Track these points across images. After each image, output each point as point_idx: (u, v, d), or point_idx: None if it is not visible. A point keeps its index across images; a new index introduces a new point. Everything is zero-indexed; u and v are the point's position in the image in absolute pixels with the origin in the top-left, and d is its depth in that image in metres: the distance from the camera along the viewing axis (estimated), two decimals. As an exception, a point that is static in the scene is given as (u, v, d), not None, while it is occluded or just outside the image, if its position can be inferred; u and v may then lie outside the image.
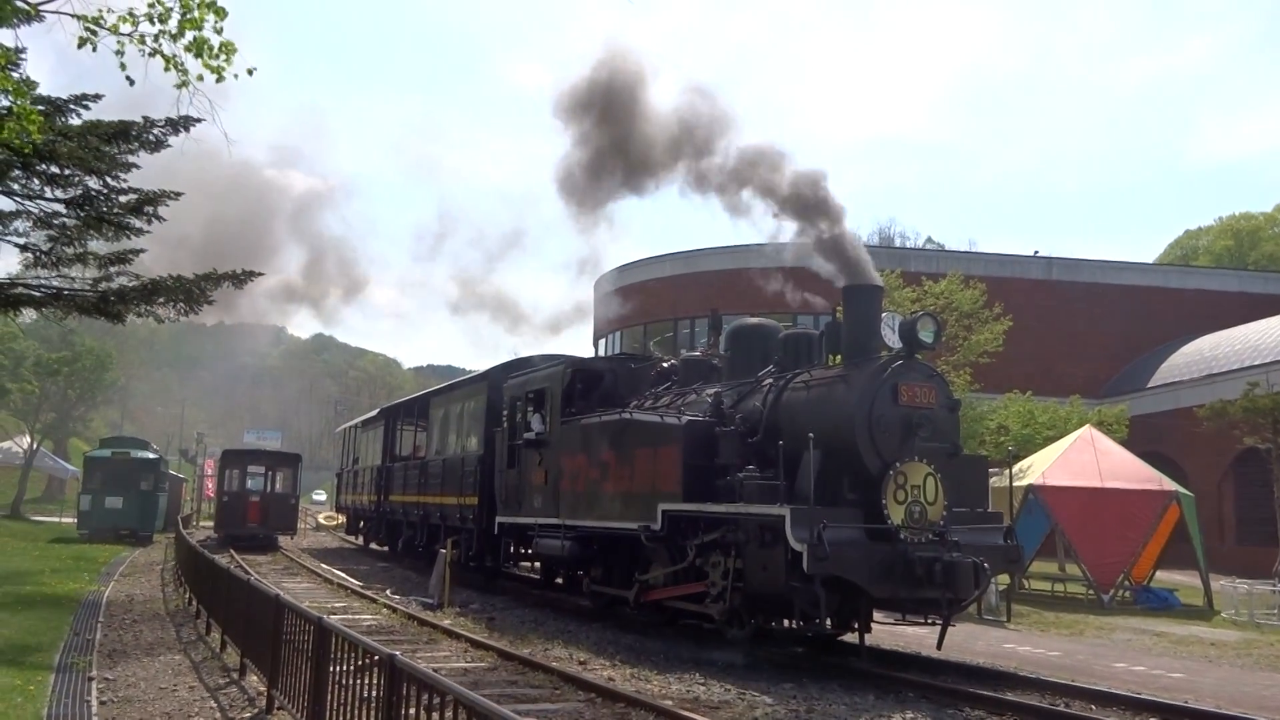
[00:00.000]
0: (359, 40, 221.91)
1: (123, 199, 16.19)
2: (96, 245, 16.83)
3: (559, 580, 17.42)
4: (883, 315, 11.81)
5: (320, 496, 77.99)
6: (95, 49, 7.82)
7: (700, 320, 35.99)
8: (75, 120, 15.42)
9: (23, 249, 16.48)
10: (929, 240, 76.55)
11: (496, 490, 16.84)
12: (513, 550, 17.85)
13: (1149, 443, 31.04)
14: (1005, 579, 15.48)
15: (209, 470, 49.36)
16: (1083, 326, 39.93)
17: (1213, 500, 31.09)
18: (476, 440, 18.82)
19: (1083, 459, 20.44)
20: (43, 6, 8.82)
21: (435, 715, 4.45)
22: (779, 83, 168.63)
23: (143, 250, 16.96)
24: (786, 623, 10.76)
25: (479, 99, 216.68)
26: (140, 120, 15.62)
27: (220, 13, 7.83)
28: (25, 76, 12.84)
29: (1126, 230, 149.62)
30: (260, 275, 17.93)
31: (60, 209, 16.03)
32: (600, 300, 49.14)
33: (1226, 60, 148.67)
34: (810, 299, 16.49)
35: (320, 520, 46.77)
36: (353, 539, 33.26)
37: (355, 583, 18.79)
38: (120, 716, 8.09)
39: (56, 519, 38.11)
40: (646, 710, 8.11)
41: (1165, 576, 22.48)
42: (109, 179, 15.92)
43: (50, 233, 16.32)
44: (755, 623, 10.73)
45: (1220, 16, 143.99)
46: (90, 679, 9.41)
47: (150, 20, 7.79)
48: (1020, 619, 16.65)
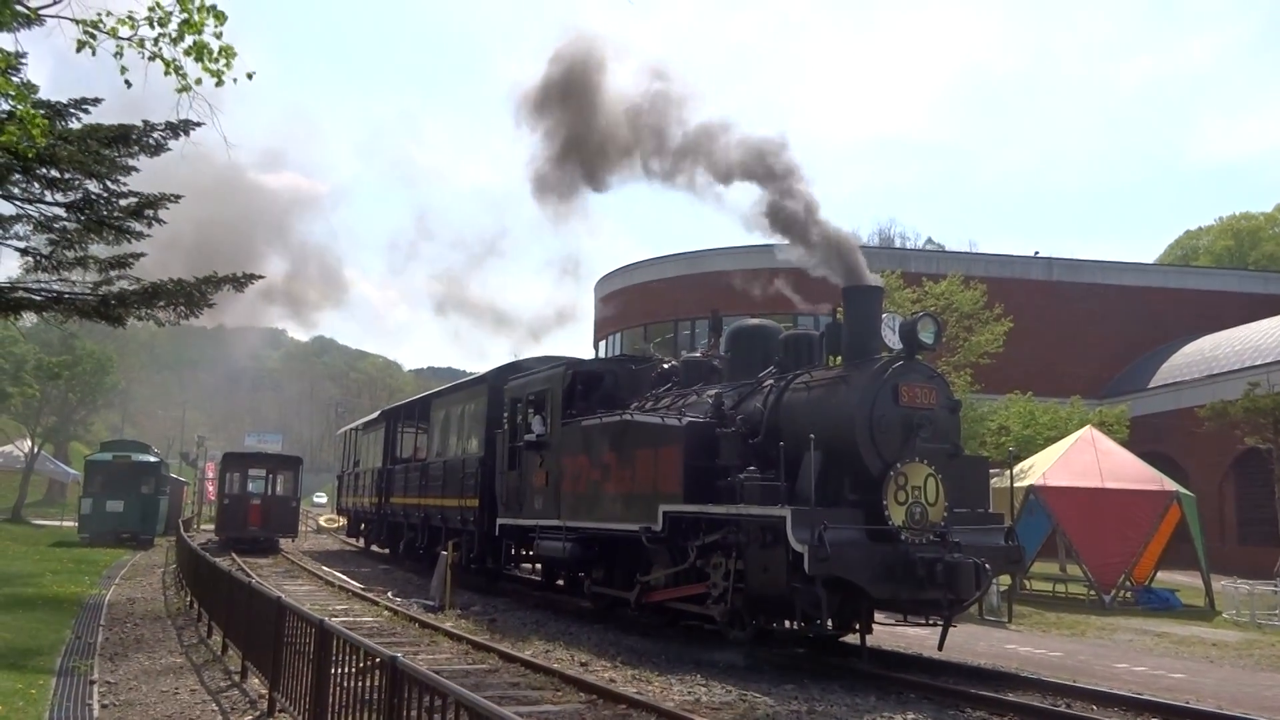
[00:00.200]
0: (359, 40, 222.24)
1: (123, 202, 16.20)
2: (97, 249, 16.84)
3: (560, 582, 17.42)
4: (883, 316, 11.80)
5: (321, 499, 78.02)
6: (94, 53, 7.83)
7: (701, 321, 36.03)
8: (75, 124, 15.44)
9: (23, 253, 16.51)
10: (929, 241, 76.64)
11: (497, 492, 16.84)
12: (514, 552, 17.86)
13: (1150, 443, 31.05)
14: (1006, 580, 15.49)
15: (210, 473, 49.35)
16: (1083, 327, 39.94)
17: (1214, 501, 31.07)
18: (477, 442, 18.82)
19: (1084, 459, 20.43)
20: (43, 10, 8.83)
21: (437, 717, 4.45)
22: (779, 83, 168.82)
23: (143, 254, 16.97)
24: (788, 624, 10.76)
25: (479, 99, 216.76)
26: (140, 124, 15.64)
27: (220, 17, 7.83)
28: (26, 80, 12.89)
29: (1127, 231, 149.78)
30: (261, 278, 17.93)
31: (60, 213, 16.06)
32: (601, 301, 49.15)
33: (1227, 60, 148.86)
34: (797, 299, 16.35)
35: (321, 523, 46.75)
36: (354, 541, 33.26)
37: (356, 585, 18.78)
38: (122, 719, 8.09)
39: (57, 522, 38.08)
40: (648, 711, 8.11)
41: (1166, 577, 22.47)
42: (109, 183, 15.94)
43: (51, 236, 16.33)
44: (756, 624, 10.72)
45: (1220, 16, 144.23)
46: (92, 682, 9.41)
47: (150, 24, 7.79)
48: (1021, 620, 16.65)
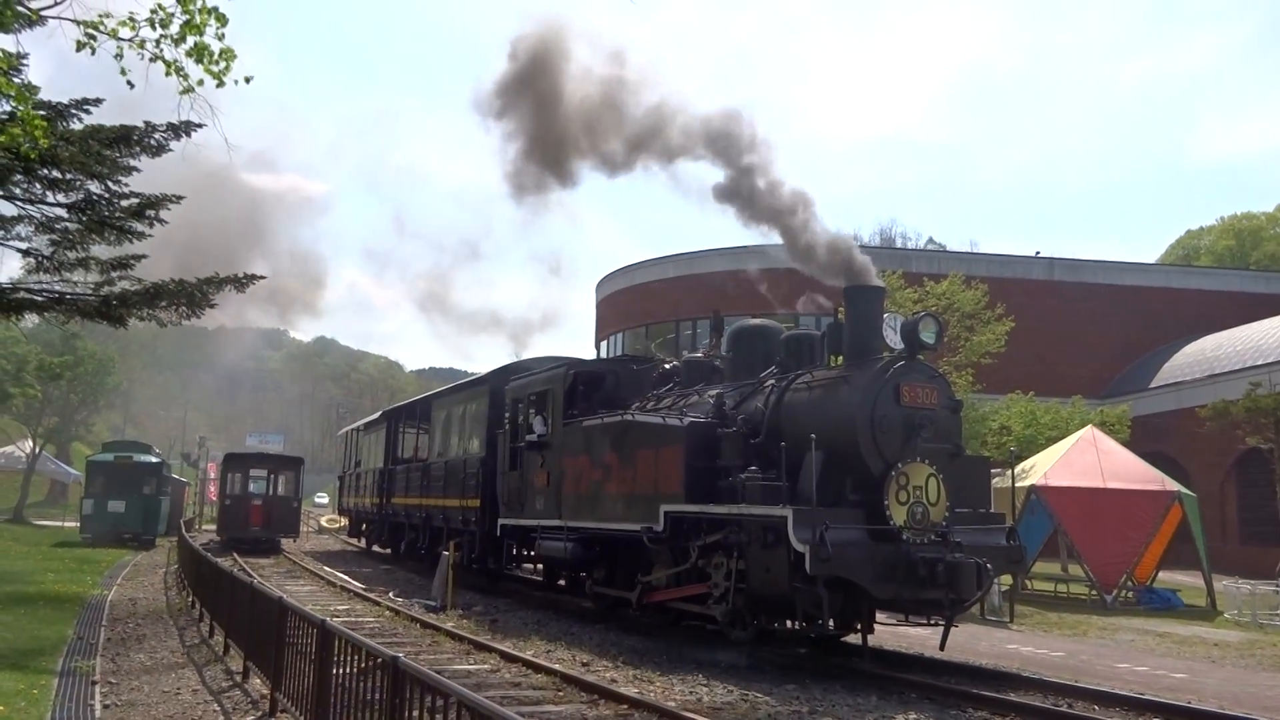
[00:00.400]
0: (357, 41, 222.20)
1: (124, 203, 16.20)
2: (98, 250, 16.85)
3: (561, 582, 17.42)
4: (884, 316, 11.80)
5: (323, 499, 78.03)
6: (95, 53, 7.83)
7: (702, 321, 36.02)
8: (77, 125, 15.44)
9: (25, 254, 16.50)
10: (930, 241, 76.66)
11: (499, 492, 16.84)
12: (515, 552, 17.87)
13: (1151, 443, 31.04)
14: (1008, 580, 15.47)
15: (211, 474, 49.37)
16: (1085, 327, 39.92)
17: (1215, 500, 31.06)
18: (478, 443, 18.82)
19: (1085, 459, 20.43)
20: (44, 11, 8.83)
21: (439, 717, 4.45)
22: (780, 83, 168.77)
23: (145, 255, 16.96)
24: (789, 624, 10.76)
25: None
26: (142, 125, 15.65)
27: (222, 19, 7.83)
28: (27, 81, 12.89)
29: (1128, 231, 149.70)
30: (263, 278, 17.93)
31: (62, 213, 16.06)
32: (602, 302, 49.17)
33: (1227, 59, 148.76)
34: (775, 300, 16.29)
35: (323, 523, 46.77)
36: (355, 542, 33.28)
37: (358, 585, 18.79)
38: (124, 720, 8.10)
39: (59, 523, 38.07)
40: (649, 711, 8.11)
41: (1168, 577, 22.45)
42: (110, 183, 15.94)
43: (52, 237, 16.34)
44: (758, 624, 10.72)
45: (1221, 16, 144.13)
46: (94, 682, 9.42)
47: (151, 25, 7.79)
48: (1023, 620, 16.64)
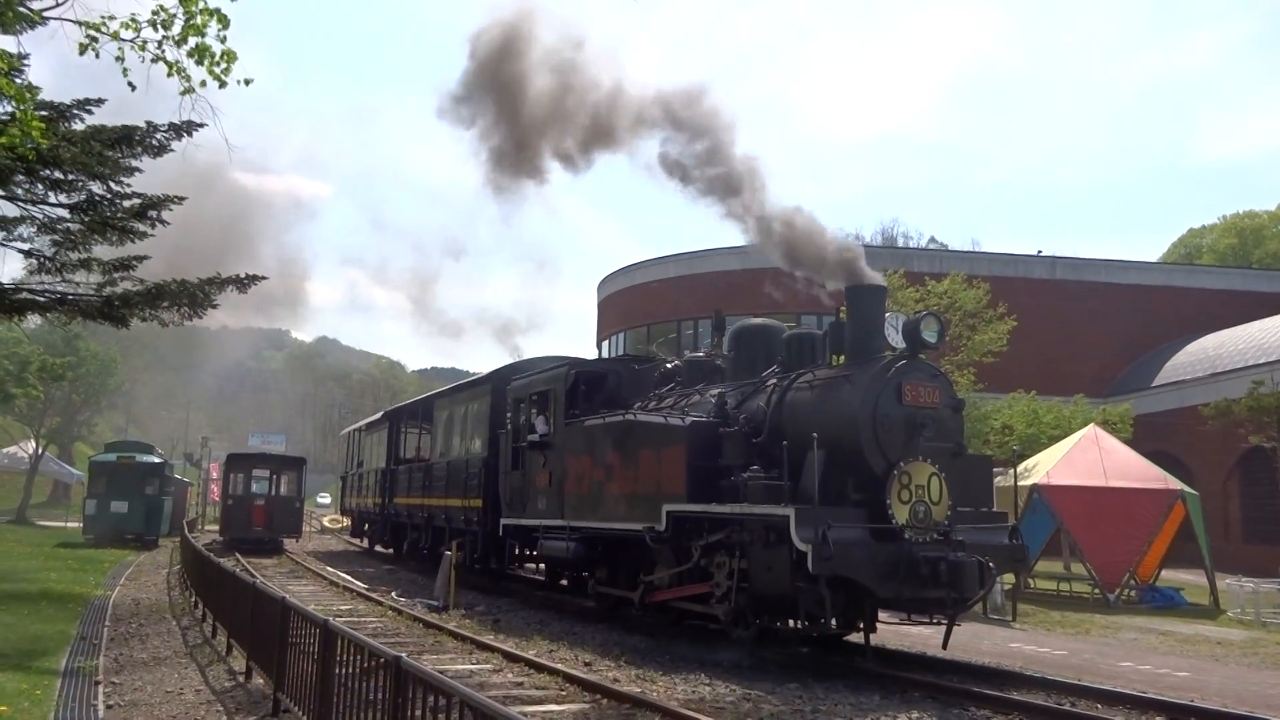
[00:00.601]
0: (359, 40, 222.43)
1: (126, 204, 16.20)
2: (100, 250, 16.85)
3: (564, 582, 17.42)
4: (886, 315, 11.80)
5: (325, 499, 78.07)
6: (98, 55, 7.83)
7: (703, 321, 36.00)
8: (79, 125, 15.44)
9: (27, 254, 16.51)
10: (932, 240, 76.43)
11: (501, 492, 16.84)
12: (517, 552, 17.87)
13: (1154, 442, 31.00)
14: (1010, 578, 15.48)
15: (214, 474, 49.43)
16: (1087, 326, 39.90)
17: (1218, 499, 31.03)
18: (480, 442, 18.83)
19: (1087, 458, 20.42)
20: (46, 12, 8.83)
21: (441, 717, 4.45)
22: (782, 83, 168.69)
23: (147, 257, 16.96)
24: (792, 623, 10.77)
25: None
26: (143, 125, 15.65)
27: (224, 20, 7.83)
28: (28, 82, 12.89)
29: (1130, 229, 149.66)
30: (264, 279, 17.92)
31: (64, 214, 16.06)
32: (603, 302, 49.18)
33: (1230, 58, 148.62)
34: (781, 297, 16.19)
35: (325, 523, 46.83)
36: (357, 542, 33.30)
37: (360, 585, 18.80)
38: (127, 720, 8.11)
39: (62, 524, 38.14)
40: (652, 711, 8.11)
41: (1171, 575, 22.44)
42: (112, 184, 15.94)
43: (54, 238, 16.34)
44: (760, 623, 10.72)
45: (1223, 14, 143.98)
46: (97, 682, 9.43)
47: (153, 26, 7.79)
48: (1026, 618, 16.64)
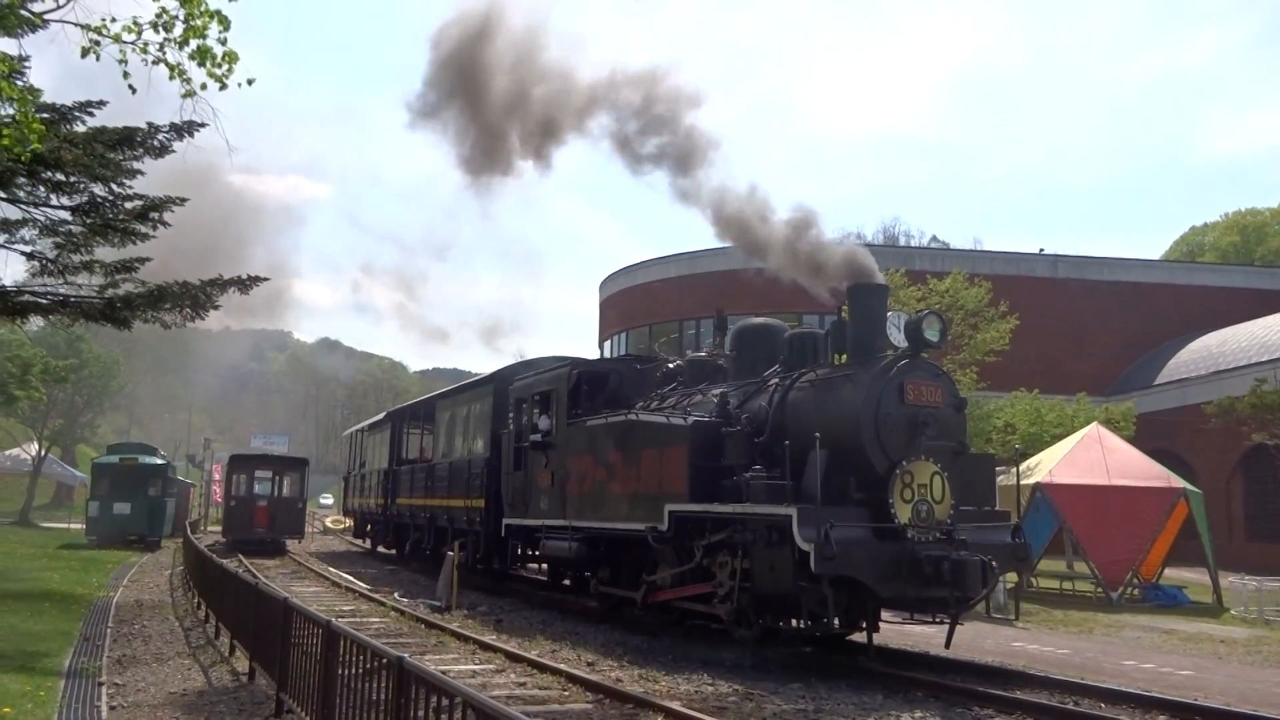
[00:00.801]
0: (358, 40, 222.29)
1: (128, 205, 16.21)
2: (102, 252, 16.86)
3: (566, 582, 17.43)
4: (888, 314, 11.80)
5: (327, 500, 78.10)
6: (99, 58, 7.84)
7: (705, 321, 35.99)
8: (80, 127, 15.45)
9: (29, 256, 16.52)
10: (934, 239, 76.41)
11: (503, 492, 16.85)
12: (520, 552, 17.88)
13: (1156, 440, 30.99)
14: (1013, 577, 15.45)
15: (216, 475, 49.46)
16: (1089, 324, 39.88)
17: (1221, 497, 31.01)
18: (483, 443, 18.84)
19: (1090, 457, 20.40)
20: (47, 15, 8.84)
21: (444, 717, 4.45)
22: (783, 82, 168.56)
23: (149, 258, 16.97)
24: (794, 622, 10.76)
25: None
26: (145, 126, 15.66)
27: (224, 22, 7.83)
28: (29, 85, 12.91)
29: (1132, 227, 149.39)
30: (266, 280, 17.92)
31: (66, 216, 16.07)
32: (605, 302, 49.19)
33: (1232, 56, 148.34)
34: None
35: (327, 524, 46.84)
36: (360, 542, 33.32)
37: (363, 586, 18.81)
38: (130, 721, 8.11)
39: (65, 525, 38.20)
40: (654, 711, 8.11)
41: (1174, 574, 22.42)
42: (114, 185, 15.95)
43: (56, 240, 16.34)
44: (763, 623, 10.72)
45: (1225, 12, 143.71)
46: (100, 683, 9.43)
47: (155, 28, 7.80)
48: (1029, 617, 16.62)
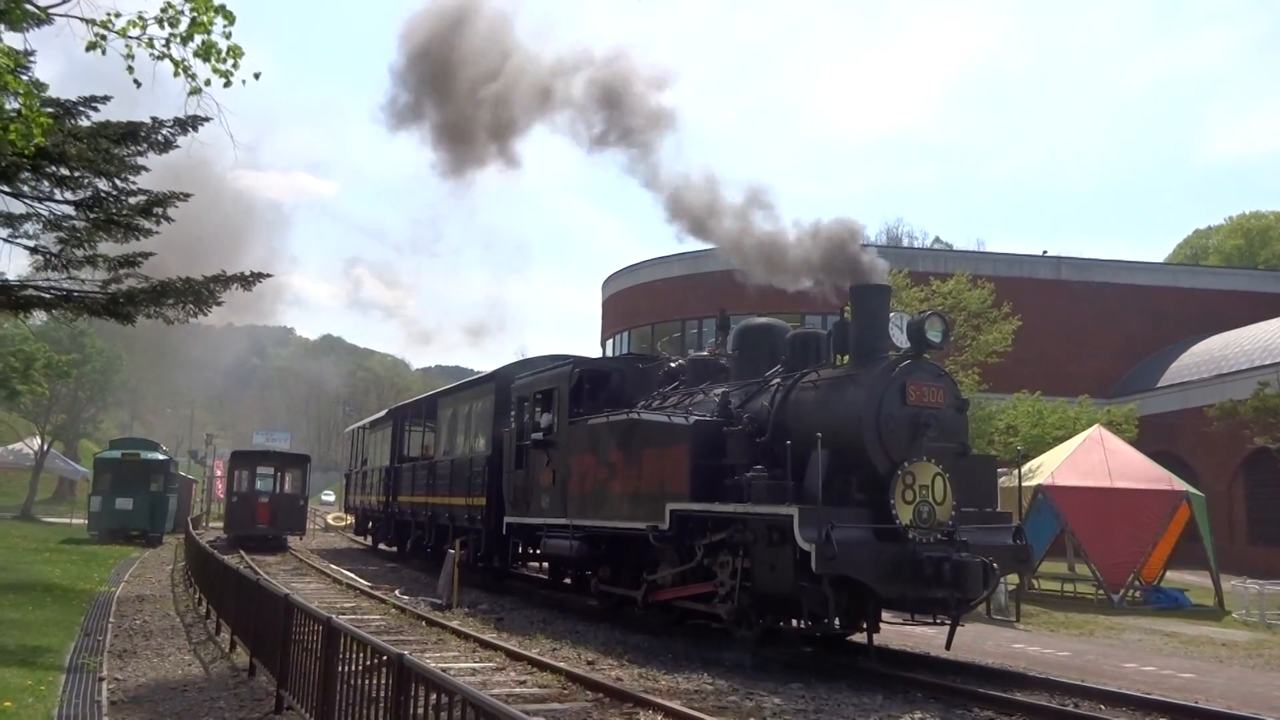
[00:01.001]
0: (358, 40, 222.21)
1: (132, 200, 16.22)
2: (106, 247, 16.87)
3: (567, 580, 17.43)
4: (890, 315, 11.80)
5: (329, 497, 78.21)
6: (105, 53, 7.84)
7: (708, 320, 35.97)
8: (84, 122, 15.46)
9: (33, 251, 16.54)
10: (937, 240, 76.40)
11: (504, 490, 16.86)
12: (521, 550, 17.89)
13: (1159, 443, 30.95)
14: (1014, 579, 15.45)
15: (218, 471, 49.51)
16: (1092, 326, 39.82)
17: (1223, 500, 30.97)
18: (484, 441, 18.84)
19: (1092, 459, 20.38)
20: (52, 10, 8.84)
21: (444, 715, 4.45)
22: (787, 83, 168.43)
23: (153, 254, 16.98)
24: (795, 623, 10.74)
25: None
26: (149, 121, 15.66)
27: (229, 17, 7.83)
28: (34, 79, 12.93)
29: (1136, 230, 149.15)
30: (269, 276, 17.92)
31: (70, 211, 16.08)
32: (607, 301, 49.19)
33: (1236, 59, 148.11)
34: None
35: (329, 521, 46.89)
36: (361, 540, 33.34)
37: (364, 583, 18.82)
38: (130, 716, 8.13)
39: (67, 520, 38.23)
40: (654, 710, 8.11)
41: (1175, 576, 22.40)
42: (118, 181, 15.96)
43: (60, 235, 16.35)
44: (763, 623, 10.71)
45: (1230, 14, 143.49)
46: (100, 679, 9.44)
47: (160, 24, 7.80)
48: (1029, 619, 16.61)
